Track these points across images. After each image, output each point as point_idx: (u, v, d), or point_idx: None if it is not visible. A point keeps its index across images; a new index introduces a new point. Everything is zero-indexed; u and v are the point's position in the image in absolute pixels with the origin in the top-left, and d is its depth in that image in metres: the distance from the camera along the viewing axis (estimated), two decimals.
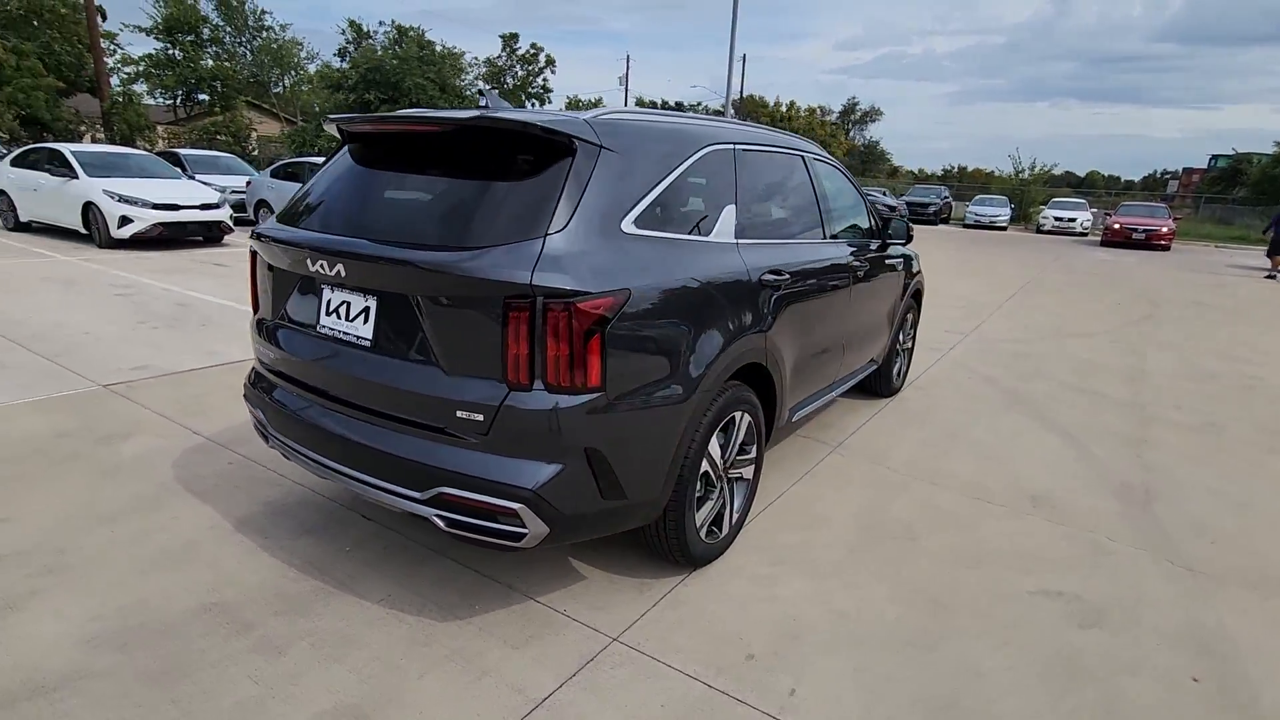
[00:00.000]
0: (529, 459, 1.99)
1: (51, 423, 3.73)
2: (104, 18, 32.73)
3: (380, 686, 2.02)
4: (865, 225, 4.16)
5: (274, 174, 12.21)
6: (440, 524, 2.08)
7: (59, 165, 9.98)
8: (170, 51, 34.83)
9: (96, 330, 5.52)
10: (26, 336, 5.22)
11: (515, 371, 1.94)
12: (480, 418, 1.98)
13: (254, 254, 2.62)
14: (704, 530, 2.61)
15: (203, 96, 34.24)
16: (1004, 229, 28.21)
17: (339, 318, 2.28)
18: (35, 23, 20.90)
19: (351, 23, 54.16)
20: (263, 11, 39.86)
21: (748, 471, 2.88)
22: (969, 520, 3.23)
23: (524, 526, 2.00)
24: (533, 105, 55.48)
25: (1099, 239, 23.09)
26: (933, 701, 2.08)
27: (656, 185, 2.31)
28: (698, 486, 2.48)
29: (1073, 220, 26.23)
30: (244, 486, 3.14)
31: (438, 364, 2.05)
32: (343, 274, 2.17)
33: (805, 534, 3.02)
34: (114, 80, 28.67)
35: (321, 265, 2.20)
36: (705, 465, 2.51)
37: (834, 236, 3.61)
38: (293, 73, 41.07)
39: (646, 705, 2.00)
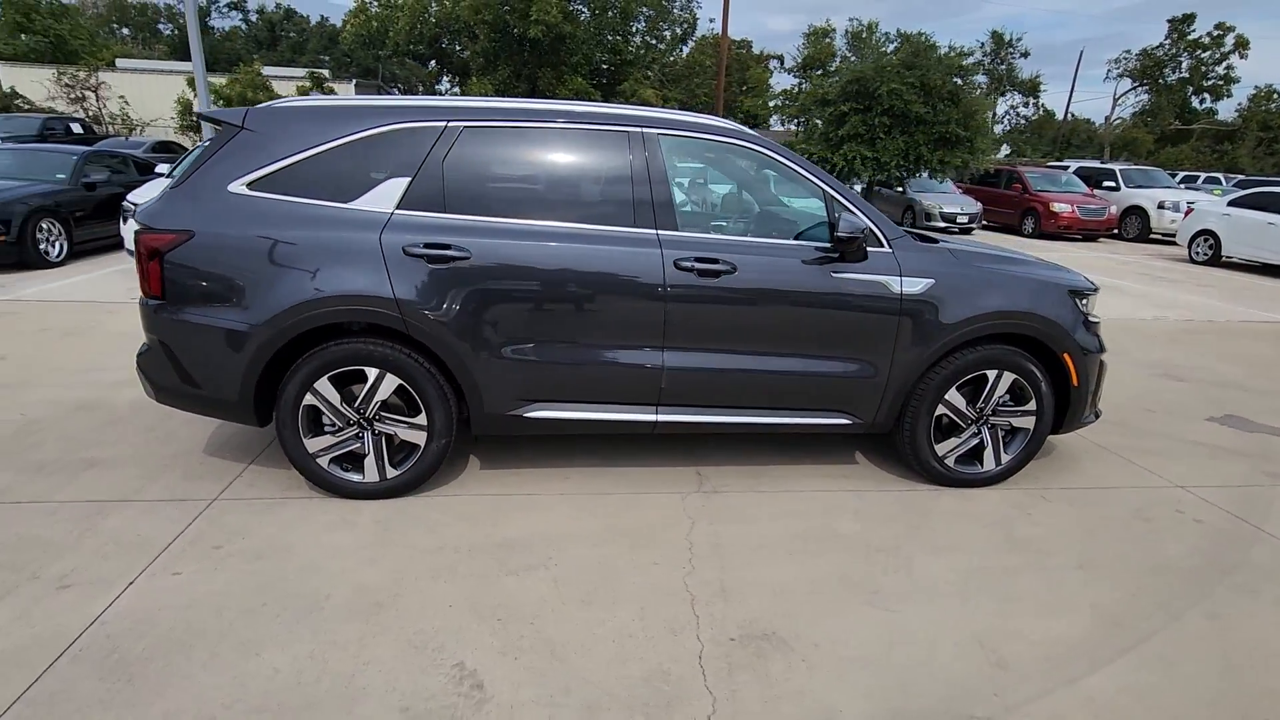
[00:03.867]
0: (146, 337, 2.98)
1: None
2: (782, 63, 41.48)
3: (80, 462, 3.35)
4: (804, 229, 3.11)
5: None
6: None
7: None
8: (801, 85, 41.56)
9: None
10: None
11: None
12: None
13: None
14: (324, 459, 2.98)
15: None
16: None
17: None
18: (691, 76, 28.57)
19: (994, 33, 53.04)
20: (885, 38, 43.26)
21: (410, 435, 3.00)
22: (574, 614, 2.45)
23: (141, 383, 3.01)
24: (1201, 100, 43.82)
25: None
26: None
27: (281, 158, 2.82)
28: (299, 417, 2.89)
29: None
30: None
31: None
32: None
33: (412, 526, 2.92)
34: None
35: None
36: (313, 400, 2.90)
37: (672, 227, 2.96)
38: None
39: (149, 534, 2.77)
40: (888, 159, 14.17)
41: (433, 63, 27.10)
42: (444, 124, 2.92)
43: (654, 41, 29.10)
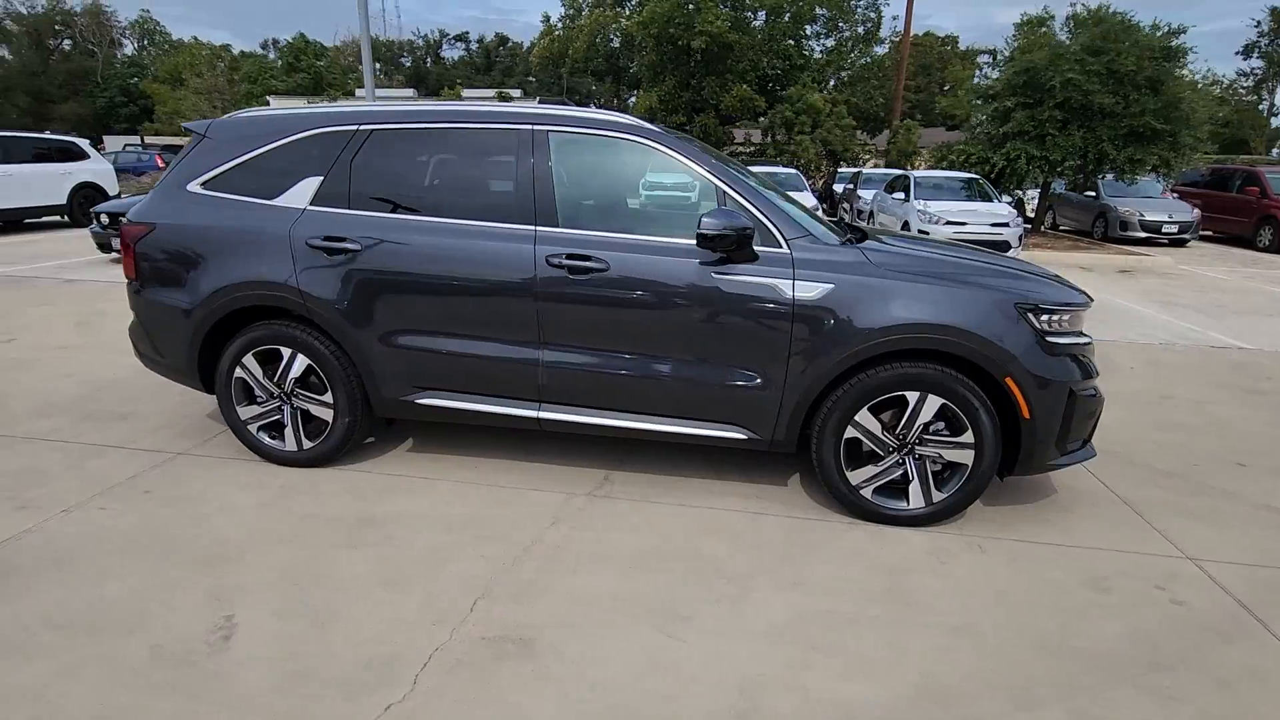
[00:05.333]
0: None
1: None
2: (994, 58, 38.50)
3: (119, 414, 4.03)
4: (680, 225, 2.92)
5: None
6: None
7: None
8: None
9: None
10: None
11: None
12: None
13: None
14: (254, 426, 3.36)
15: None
16: None
17: None
18: (868, 78, 27.10)
19: (1274, 11, 44.49)
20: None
21: (320, 412, 3.28)
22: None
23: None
24: None
25: None
26: None
27: (228, 161, 3.24)
28: (232, 387, 3.30)
29: None
30: None
31: None
32: None
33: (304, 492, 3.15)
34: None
35: None
36: (242, 374, 3.29)
37: (551, 224, 2.95)
38: None
39: (111, 473, 3.34)
40: (1059, 158, 12.39)
41: (609, 78, 28.47)
42: (355, 128, 3.17)
43: (833, 44, 28.01)
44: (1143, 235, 14.44)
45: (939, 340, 2.71)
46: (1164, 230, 14.41)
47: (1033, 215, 15.86)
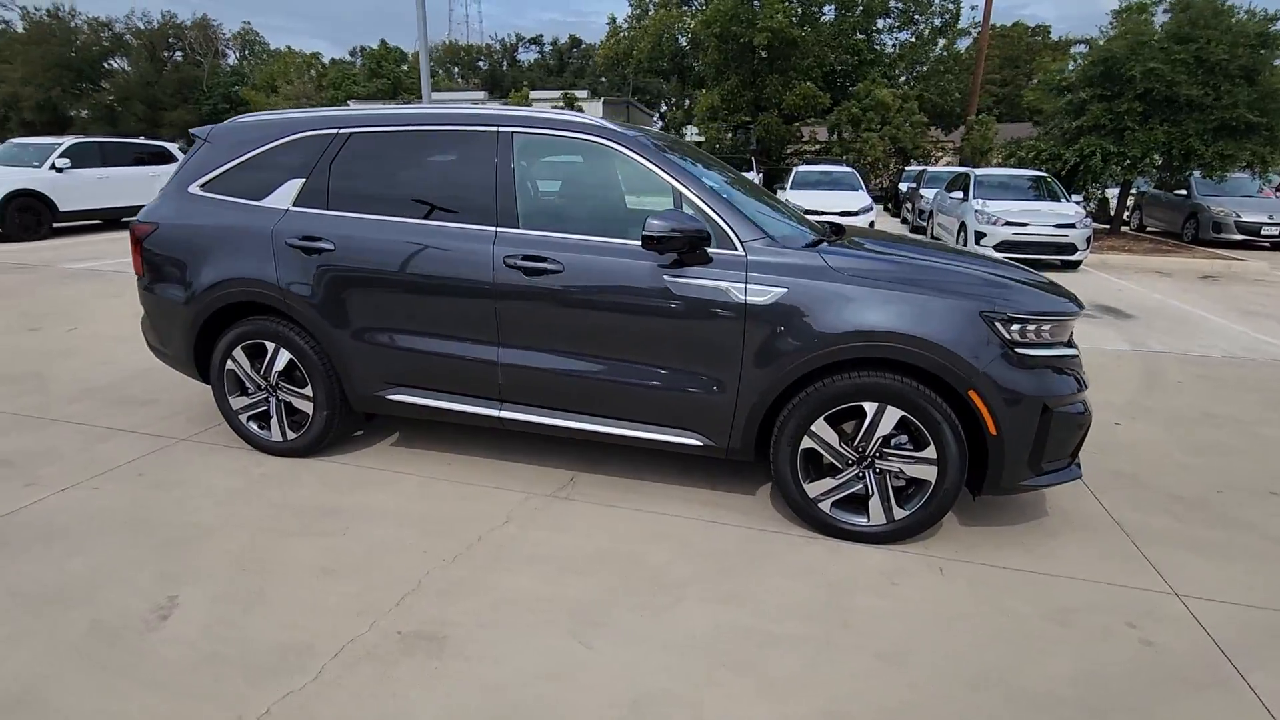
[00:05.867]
0: None
1: None
2: (1090, 48, 36.76)
3: (144, 401, 4.30)
4: (639, 227, 2.83)
5: None
6: None
7: None
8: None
9: None
10: None
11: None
12: None
13: None
14: (244, 415, 3.53)
15: None
16: None
17: None
18: (944, 72, 26.00)
19: None
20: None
21: (302, 404, 3.41)
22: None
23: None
24: None
25: None
26: None
27: (225, 164, 3.41)
28: (224, 379, 3.48)
29: None
30: None
31: None
32: None
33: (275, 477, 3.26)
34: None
35: None
36: (232, 366, 3.46)
37: (512, 224, 2.97)
38: None
39: (115, 456, 3.58)
40: (1139, 154, 11.52)
41: (674, 77, 28.40)
42: (336, 131, 3.28)
43: (909, 37, 27.01)
44: (1239, 238, 13.29)
45: (894, 349, 2.56)
46: (1264, 233, 13.22)
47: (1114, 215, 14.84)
